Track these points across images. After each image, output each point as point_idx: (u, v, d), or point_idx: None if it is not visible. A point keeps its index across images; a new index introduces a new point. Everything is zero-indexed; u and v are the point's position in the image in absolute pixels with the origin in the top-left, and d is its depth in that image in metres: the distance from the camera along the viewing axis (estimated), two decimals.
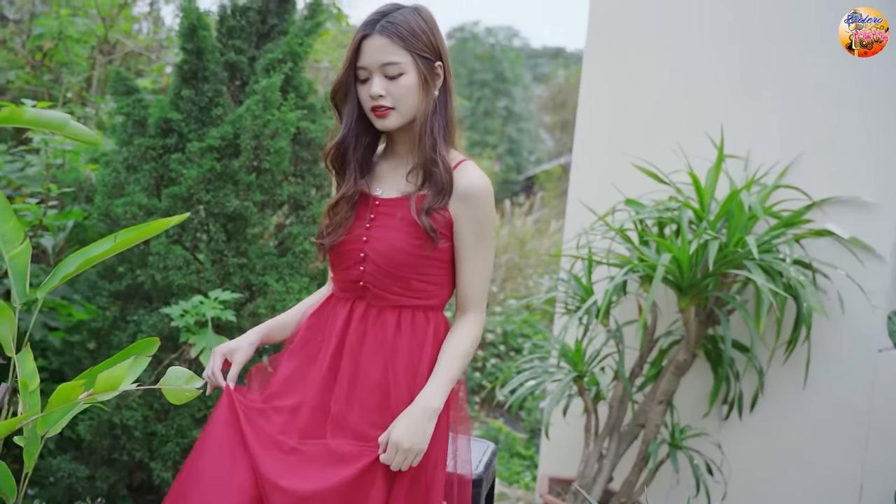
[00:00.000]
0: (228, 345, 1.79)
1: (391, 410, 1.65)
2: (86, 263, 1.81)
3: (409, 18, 1.65)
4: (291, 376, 1.73)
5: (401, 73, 1.63)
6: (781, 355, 2.88)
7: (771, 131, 3.02)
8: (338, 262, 1.74)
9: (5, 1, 6.74)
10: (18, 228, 1.84)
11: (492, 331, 5.50)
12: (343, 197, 1.72)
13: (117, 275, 2.99)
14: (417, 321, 1.70)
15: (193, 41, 2.81)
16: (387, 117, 1.66)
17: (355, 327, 1.71)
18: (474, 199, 1.67)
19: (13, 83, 4.47)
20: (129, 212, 2.75)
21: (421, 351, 1.69)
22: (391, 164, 1.76)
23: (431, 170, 1.66)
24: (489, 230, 1.72)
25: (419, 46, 1.64)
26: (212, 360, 1.77)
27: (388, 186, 1.73)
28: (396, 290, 1.69)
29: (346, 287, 1.74)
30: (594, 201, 3.25)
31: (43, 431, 1.66)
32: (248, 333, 1.83)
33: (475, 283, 1.72)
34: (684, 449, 2.86)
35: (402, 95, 1.64)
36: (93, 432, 2.72)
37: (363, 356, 1.69)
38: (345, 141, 1.71)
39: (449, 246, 1.70)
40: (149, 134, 2.87)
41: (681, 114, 3.24)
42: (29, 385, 1.67)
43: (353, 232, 1.71)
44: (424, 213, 1.65)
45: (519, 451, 4.42)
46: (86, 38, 4.16)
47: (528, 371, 3.01)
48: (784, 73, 3.00)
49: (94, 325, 2.97)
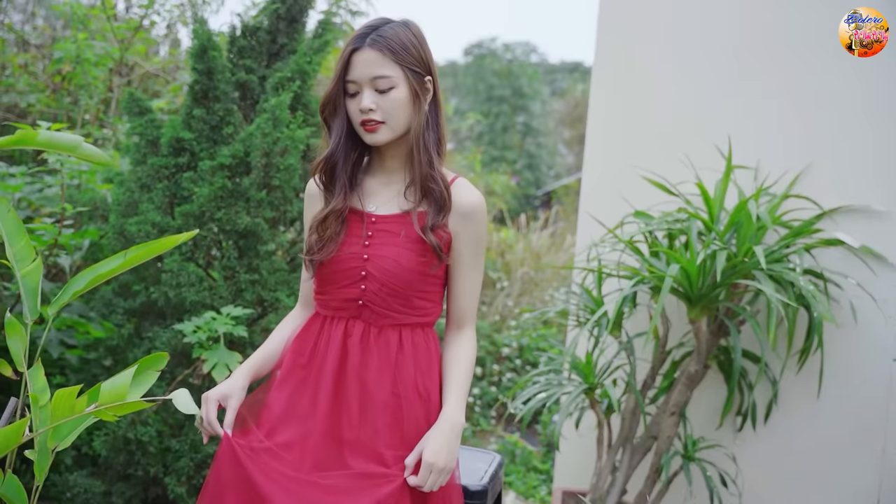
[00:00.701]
0: (220, 390, 1.70)
1: (403, 430, 1.64)
2: (96, 280, 1.85)
3: (400, 32, 1.65)
4: (287, 407, 1.68)
5: (391, 86, 1.62)
6: (795, 366, 2.87)
7: (780, 141, 3.02)
8: (332, 280, 1.69)
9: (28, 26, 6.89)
10: (30, 247, 1.88)
11: (507, 345, 5.50)
12: (332, 212, 1.69)
13: (132, 293, 3.03)
14: (417, 339, 1.69)
15: (204, 61, 2.86)
16: (377, 132, 1.64)
17: (355, 348, 1.67)
18: (474, 217, 1.68)
19: (34, 106, 4.57)
20: (142, 230, 2.80)
21: (426, 368, 1.69)
22: (381, 179, 1.74)
23: (429, 186, 1.65)
24: (483, 247, 1.74)
25: (409, 60, 1.63)
26: (205, 408, 1.67)
27: (382, 203, 1.71)
28: (398, 307, 1.67)
29: (340, 306, 1.70)
30: (605, 214, 3.25)
31: (53, 445, 1.69)
32: (237, 376, 1.74)
33: (471, 298, 1.73)
34: (697, 461, 2.84)
35: (393, 109, 1.63)
36: (108, 448, 2.75)
37: (369, 378, 1.65)
38: (334, 156, 1.69)
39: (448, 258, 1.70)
40: (162, 153, 2.92)
41: (689, 125, 3.24)
42: (40, 399, 1.71)
43: (348, 249, 1.68)
44: (429, 231, 1.64)
45: (535, 465, 4.41)
46: (103, 61, 4.24)
47: (539, 384, 3.01)
48: (792, 83, 3.00)
49: (111, 343, 3.01)
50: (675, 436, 2.90)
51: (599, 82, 3.62)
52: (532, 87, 21.52)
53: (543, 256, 6.43)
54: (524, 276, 6.04)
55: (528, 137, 20.74)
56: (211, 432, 1.66)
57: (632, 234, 2.90)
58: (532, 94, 21.43)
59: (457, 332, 1.74)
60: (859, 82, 2.81)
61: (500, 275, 6.18)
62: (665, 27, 3.39)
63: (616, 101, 3.54)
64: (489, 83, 21.46)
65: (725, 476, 2.91)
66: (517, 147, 20.22)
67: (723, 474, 2.89)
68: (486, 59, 22.42)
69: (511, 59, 22.77)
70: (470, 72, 22.91)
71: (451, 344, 1.74)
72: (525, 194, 17.87)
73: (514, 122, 20.96)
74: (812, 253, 2.84)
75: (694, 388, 2.90)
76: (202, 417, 1.66)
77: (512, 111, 21.05)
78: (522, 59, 23.60)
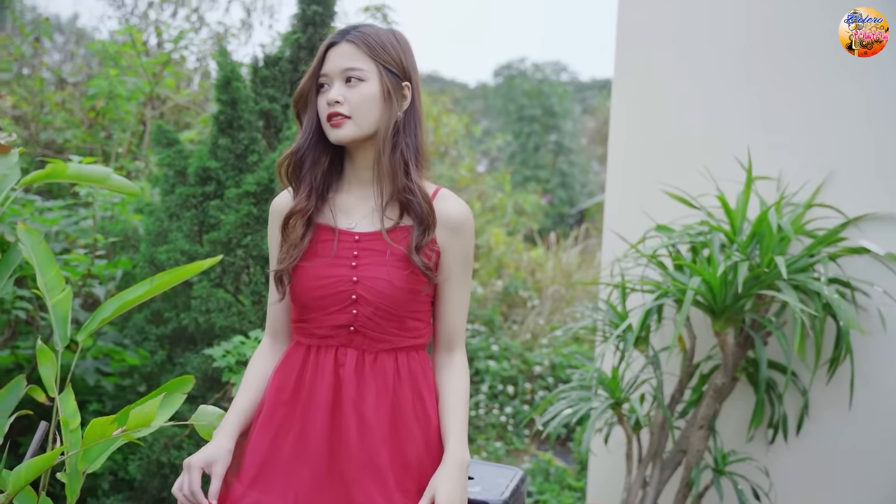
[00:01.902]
0: (204, 456, 1.52)
1: (404, 459, 1.56)
2: (123, 307, 1.91)
3: (381, 33, 1.58)
4: (271, 450, 1.56)
5: (361, 79, 1.53)
6: (824, 376, 2.84)
7: (801, 151, 3.01)
8: (319, 305, 1.56)
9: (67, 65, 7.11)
10: (60, 277, 1.96)
11: (539, 363, 5.49)
12: (296, 211, 1.58)
13: (164, 319, 3.10)
14: (413, 363, 1.60)
15: (228, 92, 2.94)
16: (341, 126, 1.53)
17: (349, 378, 1.55)
18: (463, 229, 1.59)
19: (70, 142, 4.71)
20: (172, 258, 2.87)
21: (425, 393, 1.60)
22: (358, 194, 1.62)
23: (407, 198, 1.55)
24: (472, 260, 1.66)
25: (385, 58, 1.55)
26: (187, 476, 1.50)
27: (360, 219, 1.60)
28: (393, 331, 1.57)
29: (328, 333, 1.57)
30: (629, 229, 3.26)
31: (83, 467, 1.74)
32: (221, 439, 1.56)
33: (461, 316, 1.64)
34: (728, 474, 2.82)
35: (361, 104, 1.53)
36: (143, 472, 2.81)
37: (367, 409, 1.54)
38: (300, 150, 1.58)
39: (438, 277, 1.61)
40: (189, 183, 3.00)
41: (709, 137, 3.24)
42: (70, 423, 1.77)
43: (334, 272, 1.56)
44: (415, 252, 1.54)
45: (570, 483, 4.39)
46: (134, 95, 4.37)
47: (566, 400, 3.01)
48: (811, 92, 2.99)
49: (145, 370, 3.08)
50: (704, 449, 2.88)
51: (619, 98, 3.64)
52: (562, 105, 21.52)
53: (574, 274, 6.43)
54: (555, 293, 6.04)
55: (561, 156, 20.73)
56: (195, 503, 1.48)
57: (655, 249, 2.91)
58: (563, 113, 21.42)
59: (447, 356, 1.65)
60: (881, 89, 2.80)
61: (531, 293, 6.18)
62: (681, 40, 3.40)
63: (635, 117, 3.56)
64: (519, 103, 21.51)
65: (758, 489, 2.88)
66: (549, 166, 20.22)
67: (755, 488, 2.86)
68: (515, 80, 22.50)
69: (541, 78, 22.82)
70: (500, 93, 23.02)
71: (443, 370, 1.64)
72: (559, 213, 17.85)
73: (546, 141, 20.97)
74: (838, 262, 2.82)
75: (722, 401, 2.89)
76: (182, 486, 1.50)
77: (543, 130, 21.06)
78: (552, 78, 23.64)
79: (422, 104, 1.64)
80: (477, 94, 25.80)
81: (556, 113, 21.41)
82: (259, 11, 5.78)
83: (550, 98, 21.61)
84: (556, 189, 19.31)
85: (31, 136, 4.86)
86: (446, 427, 1.58)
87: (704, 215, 3.00)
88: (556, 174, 20.14)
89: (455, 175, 6.61)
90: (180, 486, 1.50)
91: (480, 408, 5.28)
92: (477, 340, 5.64)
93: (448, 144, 6.64)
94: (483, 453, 4.82)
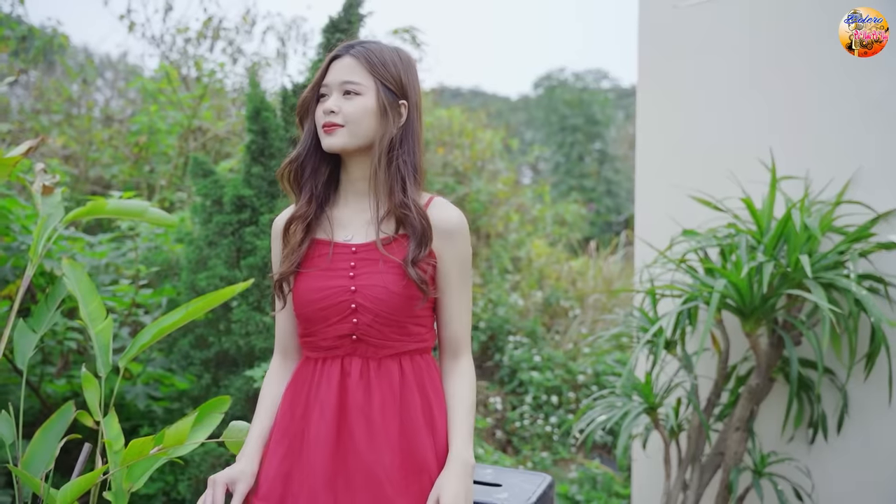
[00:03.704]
0: (229, 474, 1.59)
1: (414, 461, 1.58)
2: (160, 332, 2.02)
3: (385, 50, 1.63)
4: (283, 466, 1.60)
5: (358, 93, 1.58)
6: (861, 373, 2.82)
7: (828, 149, 3.00)
8: (320, 318, 1.61)
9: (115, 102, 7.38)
10: (102, 308, 2.07)
11: (583, 372, 5.50)
12: (296, 217, 1.64)
13: (207, 344, 3.22)
14: (417, 366, 1.63)
15: (258, 123, 3.05)
16: (333, 134, 1.58)
17: (356, 385, 1.59)
18: (457, 234, 1.62)
19: (117, 177, 4.90)
20: (212, 284, 2.99)
21: (432, 395, 1.63)
22: (354, 208, 1.66)
23: (404, 214, 1.58)
24: (470, 266, 1.67)
25: (385, 75, 1.60)
26: (211, 492, 1.56)
27: (357, 231, 1.64)
28: (395, 336, 1.60)
29: (332, 346, 1.62)
30: (659, 235, 3.29)
31: (128, 485, 1.84)
32: (244, 464, 1.62)
33: (464, 322, 1.66)
34: (768, 476, 2.81)
35: (355, 115, 1.58)
36: (192, 491, 2.92)
37: (374, 414, 1.57)
38: (301, 158, 1.64)
39: (435, 290, 1.64)
40: (225, 211, 3.12)
41: (733, 139, 3.25)
42: (114, 445, 1.87)
43: (333, 283, 1.60)
44: (411, 265, 1.57)
45: (617, 490, 4.39)
46: (174, 129, 4.54)
47: (601, 406, 3.04)
48: (836, 89, 2.98)
49: (192, 393, 3.20)
50: (743, 451, 2.87)
51: (643, 105, 3.67)
52: (604, 113, 21.44)
53: (615, 281, 6.42)
54: (596, 302, 6.04)
55: (605, 164, 20.63)
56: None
57: (684, 253, 2.93)
58: (605, 121, 21.34)
59: (453, 362, 1.68)
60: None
61: (572, 303, 6.20)
62: (703, 46, 3.42)
63: (659, 123, 3.58)
64: (561, 114, 21.50)
65: (800, 489, 2.86)
66: (594, 175, 20.14)
67: (797, 488, 2.85)
68: (556, 91, 22.50)
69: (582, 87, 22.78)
70: (541, 104, 23.04)
71: (449, 376, 1.67)
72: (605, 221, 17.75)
73: (590, 149, 20.90)
74: (869, 258, 2.80)
75: (759, 403, 2.89)
76: (205, 501, 1.56)
77: (586, 139, 21.00)
78: (593, 86, 23.58)
79: (423, 123, 1.68)
80: (519, 107, 25.84)
81: (599, 121, 21.33)
82: (293, 40, 5.94)
83: (592, 106, 21.55)
84: (602, 197, 19.21)
85: (81, 173, 5.07)
86: (452, 430, 1.60)
87: (732, 218, 3.01)
88: (601, 182, 20.05)
89: (493, 189, 6.67)
90: (204, 500, 1.56)
91: (525, 419, 5.31)
92: (520, 352, 5.67)
93: (484, 159, 6.71)
94: (529, 464, 4.85)
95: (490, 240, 6.62)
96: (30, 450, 1.89)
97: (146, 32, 5.28)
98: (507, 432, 5.29)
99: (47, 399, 3.08)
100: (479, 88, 26.59)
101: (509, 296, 6.22)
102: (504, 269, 6.49)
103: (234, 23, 5.64)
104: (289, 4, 13.28)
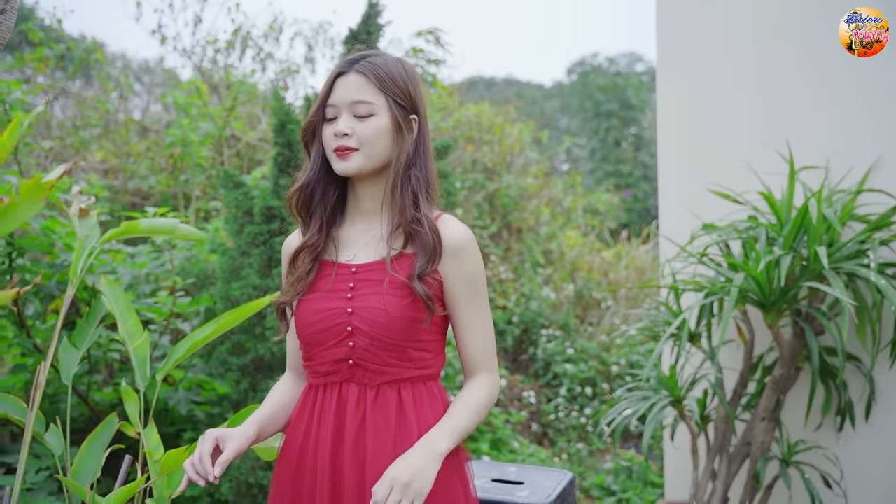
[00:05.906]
0: (222, 431, 1.52)
1: None
2: (193, 347, 2.12)
3: (390, 63, 1.56)
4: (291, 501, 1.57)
5: (371, 113, 1.51)
6: (886, 360, 2.83)
7: (847, 137, 3.01)
8: (317, 341, 1.55)
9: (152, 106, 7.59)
10: (138, 324, 2.18)
11: (616, 363, 5.54)
12: (306, 246, 1.58)
13: (244, 350, 3.34)
14: (419, 395, 1.54)
15: (283, 135, 3.15)
16: (348, 158, 1.51)
17: (352, 416, 1.51)
18: (463, 253, 1.54)
19: (154, 188, 5.06)
20: (245, 293, 3.09)
21: (434, 424, 1.52)
22: (359, 227, 1.60)
23: (415, 229, 1.51)
24: (483, 284, 1.58)
25: (395, 91, 1.53)
26: (200, 444, 1.48)
27: (361, 250, 1.57)
28: (393, 361, 1.52)
29: (329, 370, 1.55)
30: (681, 229, 3.32)
31: (168, 492, 1.95)
32: (245, 423, 1.58)
33: (479, 342, 1.57)
34: (795, 464, 2.84)
35: (370, 137, 1.51)
36: (234, 493, 3.04)
37: (368, 449, 1.49)
38: (310, 183, 1.57)
39: (441, 308, 1.55)
40: (256, 221, 3.22)
41: (753, 133, 3.27)
42: (154, 454, 1.98)
43: (329, 305, 1.54)
44: (417, 279, 1.49)
45: (653, 480, 4.43)
46: (206, 140, 4.67)
47: (627, 399, 3.09)
48: (855, 78, 2.99)
49: (233, 397, 3.32)
50: (770, 441, 2.91)
51: (663, 97, 3.69)
52: (639, 97, 21.23)
53: (647, 272, 6.43)
54: (628, 293, 6.07)
55: (642, 149, 20.46)
56: (202, 473, 1.44)
57: (704, 247, 2.96)
58: (640, 105, 21.14)
59: (470, 379, 1.60)
60: None
61: (605, 294, 6.23)
62: (723, 37, 3.43)
63: (679, 115, 3.60)
64: (595, 99, 21.34)
65: (828, 477, 2.89)
66: (630, 160, 19.99)
67: (825, 475, 2.87)
68: (589, 76, 22.35)
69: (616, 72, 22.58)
70: (575, 90, 22.90)
71: (465, 385, 1.60)
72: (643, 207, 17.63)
73: (626, 134, 20.74)
74: (891, 246, 2.81)
75: (785, 392, 2.92)
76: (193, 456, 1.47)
77: (621, 124, 20.84)
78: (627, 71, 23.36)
79: (429, 134, 1.63)
80: (553, 94, 25.69)
81: (634, 105, 21.13)
82: (321, 45, 6.04)
83: (626, 91, 21.36)
84: (639, 182, 19.06)
85: (121, 185, 5.25)
86: (440, 420, 1.52)
87: (752, 210, 3.04)
88: (637, 167, 19.89)
89: (523, 183, 6.71)
90: (193, 456, 1.48)
91: (560, 411, 5.37)
92: (553, 345, 5.73)
93: (513, 154, 6.75)
94: (564, 455, 4.91)
95: (521, 234, 6.67)
96: (77, 460, 2.01)
97: (177, 46, 5.43)
98: (542, 425, 5.36)
99: (95, 406, 3.22)
100: (512, 77, 26.49)
101: (541, 289, 6.27)
102: (536, 262, 6.54)
103: (261, 30, 5.76)
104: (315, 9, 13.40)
